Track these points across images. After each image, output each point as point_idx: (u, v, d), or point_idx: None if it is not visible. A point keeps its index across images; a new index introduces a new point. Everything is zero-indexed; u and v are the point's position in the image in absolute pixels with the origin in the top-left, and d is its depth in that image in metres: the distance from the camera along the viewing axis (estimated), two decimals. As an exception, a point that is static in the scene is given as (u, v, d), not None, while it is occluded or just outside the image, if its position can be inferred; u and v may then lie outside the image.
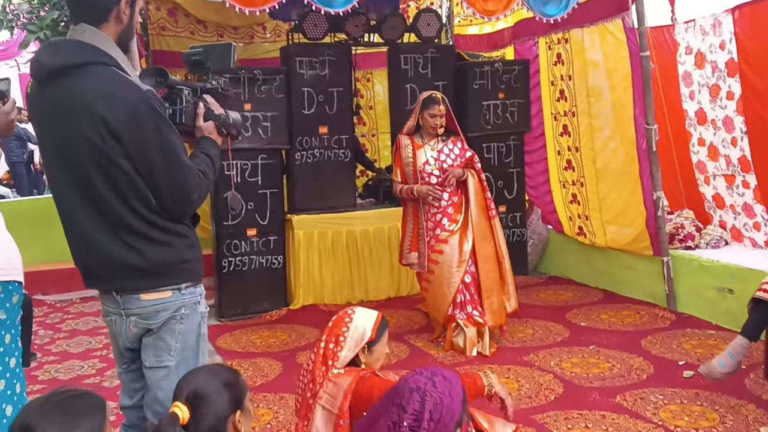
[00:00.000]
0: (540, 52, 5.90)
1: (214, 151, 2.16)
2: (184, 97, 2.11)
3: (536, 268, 6.37)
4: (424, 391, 1.99)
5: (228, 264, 5.26)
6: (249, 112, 5.15)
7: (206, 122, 2.15)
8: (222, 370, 2.01)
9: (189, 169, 2.02)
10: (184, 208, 2.04)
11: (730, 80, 4.78)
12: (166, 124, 1.99)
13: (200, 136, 2.17)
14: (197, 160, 2.09)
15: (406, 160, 4.35)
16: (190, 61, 2.27)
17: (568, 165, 5.82)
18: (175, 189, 1.99)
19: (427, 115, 4.23)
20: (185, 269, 2.08)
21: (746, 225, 4.95)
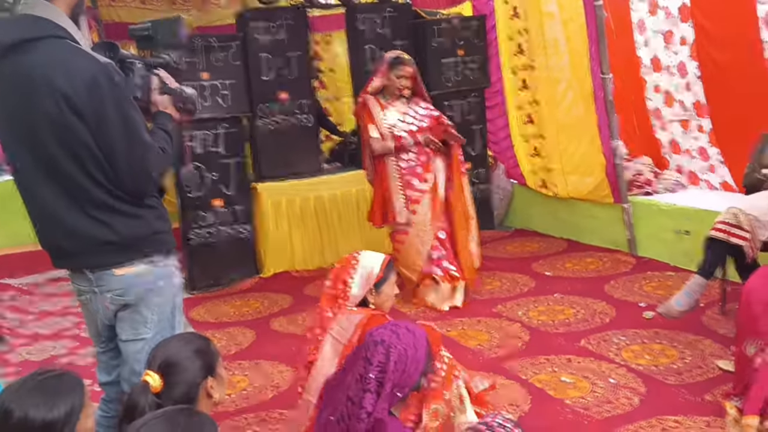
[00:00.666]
0: (496, 6, 5.89)
1: (171, 126, 2.14)
2: (136, 70, 2.07)
3: (502, 222, 6.47)
4: (389, 343, 2.06)
5: (196, 236, 5.24)
6: (207, 81, 5.08)
7: (162, 96, 2.13)
8: (193, 338, 2.04)
9: (149, 146, 2.00)
10: (144, 186, 2.03)
11: (683, 25, 4.84)
12: (127, 99, 1.97)
13: (156, 111, 2.14)
14: (156, 137, 2.06)
15: (379, 118, 4.26)
16: (138, 37, 2.21)
17: (529, 119, 5.87)
18: (135, 166, 1.97)
19: (393, 75, 4.18)
20: (158, 240, 2.09)
21: (702, 168, 5.09)
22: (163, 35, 2.21)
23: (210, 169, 5.20)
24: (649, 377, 3.19)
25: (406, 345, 2.07)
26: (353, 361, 2.15)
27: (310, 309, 4.60)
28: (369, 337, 2.09)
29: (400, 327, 2.14)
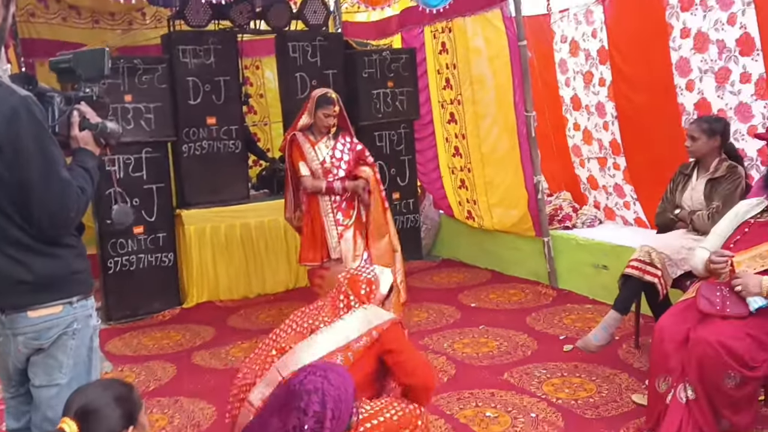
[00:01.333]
0: (426, 41, 6.02)
1: (92, 163, 2.05)
2: (56, 104, 1.98)
3: (430, 252, 6.55)
4: (323, 391, 2.03)
5: (114, 264, 5.04)
6: (130, 104, 4.93)
7: (82, 132, 2.04)
8: (115, 384, 1.94)
9: (68, 183, 1.91)
10: (60, 226, 1.93)
11: (602, 67, 5.08)
12: (46, 133, 1.87)
13: (76, 147, 2.05)
14: (75, 174, 1.97)
15: (310, 156, 4.25)
16: (59, 69, 2.09)
17: (456, 151, 6.00)
18: (52, 204, 1.87)
19: (321, 114, 4.17)
20: (76, 281, 1.99)
21: (617, 204, 5.32)
22: (85, 68, 2.11)
23: (132, 195, 5.02)
24: (568, 411, 3.27)
25: (338, 389, 2.05)
26: (278, 408, 2.10)
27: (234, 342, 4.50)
28: (299, 386, 2.05)
29: (328, 371, 2.11)
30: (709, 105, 4.27)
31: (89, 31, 6.10)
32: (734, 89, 4.11)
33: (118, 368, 4.21)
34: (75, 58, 2.08)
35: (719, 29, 4.09)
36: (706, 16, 4.15)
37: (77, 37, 5.95)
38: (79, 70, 2.08)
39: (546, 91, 5.45)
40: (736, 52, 4.03)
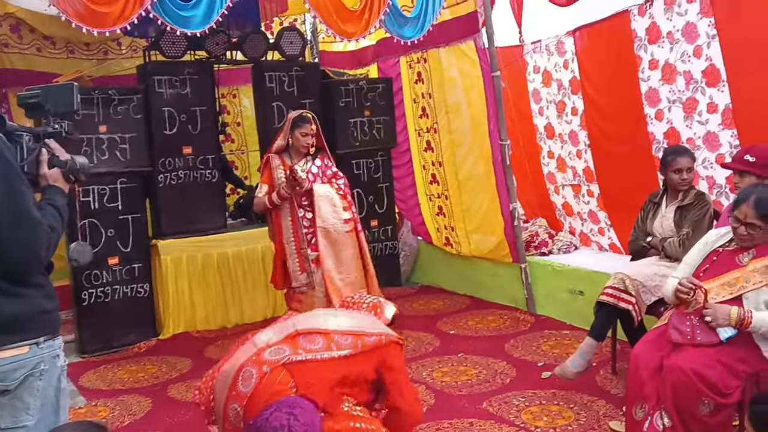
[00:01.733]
0: (402, 71, 6.10)
1: (62, 201, 2.04)
2: (24, 144, 1.97)
3: (409, 278, 6.56)
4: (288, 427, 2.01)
5: (88, 296, 4.97)
6: (104, 134, 4.91)
7: (51, 169, 2.04)
8: (89, 427, 1.91)
9: (38, 222, 1.90)
10: (30, 266, 1.92)
11: (574, 97, 5.19)
12: (15, 173, 1.87)
13: (45, 185, 2.05)
14: (45, 213, 1.96)
15: (278, 181, 4.22)
16: (27, 104, 2.08)
17: (433, 179, 6.05)
18: (22, 244, 1.86)
19: (298, 134, 4.17)
20: (43, 321, 1.96)
21: (592, 230, 5.40)
22: (54, 103, 2.11)
23: (107, 226, 4.98)
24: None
25: (305, 425, 2.04)
26: None
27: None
28: (265, 422, 2.04)
29: (295, 407, 2.10)
30: (678, 134, 4.37)
31: (64, 61, 6.07)
32: (702, 119, 4.22)
33: (92, 403, 4.13)
34: (44, 93, 2.08)
35: (686, 61, 4.21)
36: (672, 48, 4.27)
37: (51, 67, 5.92)
38: (48, 105, 2.08)
39: (520, 119, 5.54)
40: (702, 83, 4.14)
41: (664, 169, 3.80)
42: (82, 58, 6.18)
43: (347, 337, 2.44)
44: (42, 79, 5.39)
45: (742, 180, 3.52)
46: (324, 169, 4.31)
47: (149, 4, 3.84)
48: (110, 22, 3.83)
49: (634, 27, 4.50)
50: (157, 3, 3.88)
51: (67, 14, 3.67)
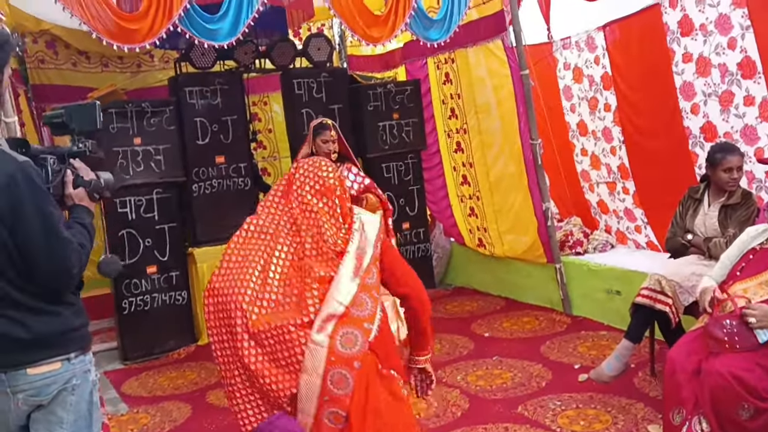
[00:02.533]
0: (430, 72, 6.07)
1: (89, 219, 2.11)
2: (49, 166, 2.04)
3: (442, 280, 6.54)
4: None
5: (129, 305, 5.09)
6: (139, 147, 5.01)
7: (76, 189, 2.10)
8: None
9: (68, 242, 1.96)
10: (64, 283, 1.98)
11: (606, 93, 5.09)
12: (45, 196, 1.94)
13: (72, 205, 2.11)
14: (74, 231, 2.03)
15: None
16: (52, 124, 2.15)
17: (464, 180, 6.01)
18: (55, 264, 1.93)
19: (320, 141, 4.21)
20: (74, 338, 2.03)
21: (629, 228, 5.29)
22: (78, 122, 2.17)
23: (144, 236, 5.09)
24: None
25: None
26: None
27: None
28: None
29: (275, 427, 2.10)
30: (715, 128, 4.25)
31: (99, 75, 6.21)
32: (739, 112, 4.10)
33: (134, 410, 4.23)
34: (67, 112, 2.13)
35: (720, 53, 4.09)
36: (706, 40, 4.15)
37: (87, 81, 6.07)
38: (72, 124, 2.14)
39: (552, 117, 5.46)
40: (738, 76, 4.02)
41: (712, 168, 3.61)
42: (116, 72, 6.32)
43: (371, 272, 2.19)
44: (78, 94, 5.53)
45: (781, 176, 3.40)
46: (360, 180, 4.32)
47: (177, 19, 3.91)
48: (140, 38, 3.91)
49: (665, 20, 4.39)
50: (185, 17, 3.95)
51: (97, 31, 3.76)
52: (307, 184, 2.26)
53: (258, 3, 4.09)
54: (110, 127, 4.85)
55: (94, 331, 5.85)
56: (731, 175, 3.55)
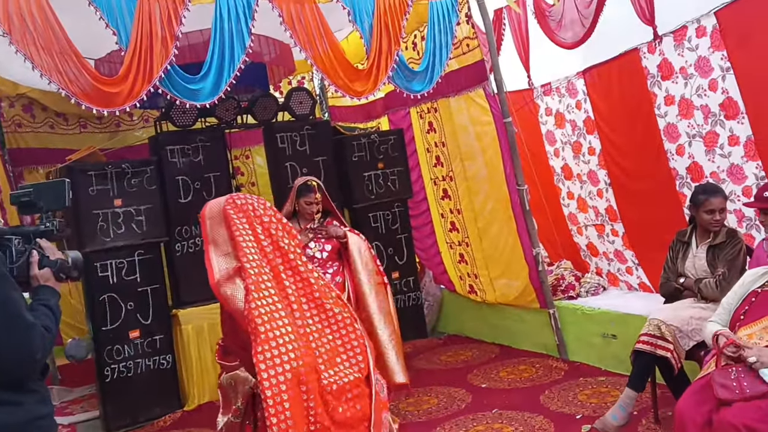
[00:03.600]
0: (413, 121, 6.08)
1: (54, 300, 2.04)
2: (13, 247, 1.97)
3: (435, 328, 6.42)
4: None
5: (111, 371, 4.88)
6: (120, 208, 4.89)
7: (41, 270, 2.02)
8: None
9: (32, 327, 1.87)
10: (27, 372, 1.89)
11: (589, 137, 5.11)
12: (5, 280, 1.85)
13: (37, 286, 2.03)
14: (38, 314, 1.95)
15: None
16: (20, 203, 2.08)
17: (452, 227, 5.96)
18: (17, 351, 1.83)
19: (303, 202, 4.18)
20: (39, 427, 1.92)
21: (620, 270, 5.25)
22: (47, 200, 2.11)
23: (126, 299, 4.93)
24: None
25: None
26: None
27: None
28: None
29: None
30: (702, 168, 4.27)
31: (77, 136, 6.13)
32: (724, 152, 4.12)
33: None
34: (36, 191, 2.08)
35: (702, 95, 4.13)
36: (687, 83, 4.20)
37: (65, 143, 5.98)
38: (41, 203, 2.09)
39: (535, 162, 5.46)
40: (721, 117, 4.05)
41: (696, 208, 3.67)
42: (95, 132, 6.25)
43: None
44: (56, 157, 5.44)
45: (767, 218, 3.40)
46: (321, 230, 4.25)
47: (157, 81, 3.86)
48: (120, 101, 3.85)
49: (645, 64, 4.44)
50: (165, 79, 3.91)
51: (76, 96, 3.70)
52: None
53: (239, 61, 4.07)
54: (90, 190, 4.75)
55: (76, 399, 5.64)
56: (713, 217, 3.61)
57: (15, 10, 3.50)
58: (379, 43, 4.43)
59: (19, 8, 3.51)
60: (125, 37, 3.81)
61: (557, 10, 4.84)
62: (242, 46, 4.08)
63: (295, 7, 4.21)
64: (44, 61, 3.61)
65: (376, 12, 4.42)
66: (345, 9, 4.33)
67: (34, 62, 3.56)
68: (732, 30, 3.86)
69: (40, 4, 3.57)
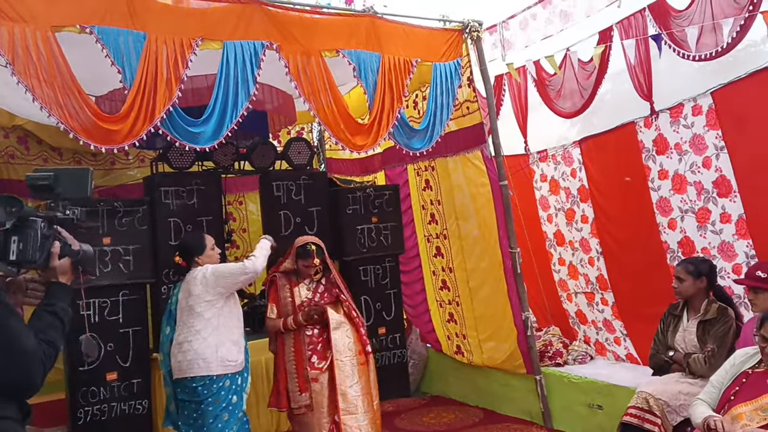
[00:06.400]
0: (409, 178, 6.12)
1: (62, 304, 1.92)
2: (38, 229, 1.84)
3: (418, 388, 6.31)
4: None
5: (84, 414, 4.72)
6: (108, 247, 4.81)
7: (60, 261, 1.92)
8: None
9: (32, 354, 1.79)
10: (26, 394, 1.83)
11: (583, 205, 5.15)
12: (5, 309, 1.78)
13: (50, 280, 1.93)
14: (42, 326, 1.85)
15: (284, 300, 4.19)
16: (35, 186, 1.92)
17: (443, 285, 5.93)
18: (16, 379, 1.77)
19: (301, 264, 4.19)
20: None
21: (608, 340, 5.21)
22: (66, 187, 1.96)
23: (106, 340, 4.80)
24: None
25: None
26: None
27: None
28: None
29: None
30: (693, 243, 4.30)
31: (71, 171, 6.11)
32: (716, 228, 4.16)
33: None
34: (55, 176, 1.95)
35: (696, 172, 4.20)
36: (681, 159, 4.27)
37: (58, 177, 5.94)
38: (59, 188, 1.95)
39: (528, 226, 5.48)
40: (714, 194, 4.11)
41: None
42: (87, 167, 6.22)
43: None
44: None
45: (757, 297, 3.42)
46: (330, 288, 4.24)
47: (158, 121, 3.86)
48: (119, 139, 3.82)
49: (641, 138, 4.52)
50: (167, 120, 3.90)
51: (75, 131, 3.67)
52: None
53: (242, 108, 4.09)
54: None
55: (45, 440, 5.44)
56: (675, 283, 3.78)
57: (20, 42, 3.49)
58: (382, 99, 4.49)
59: (25, 40, 3.50)
60: (130, 77, 3.80)
61: (557, 80, 4.95)
62: (246, 93, 4.11)
63: (302, 58, 4.27)
64: (45, 94, 3.58)
65: (380, 69, 4.49)
66: (351, 64, 4.40)
67: (35, 94, 3.53)
68: (727, 110, 3.95)
69: (47, 38, 3.57)
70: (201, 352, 3.71)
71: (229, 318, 3.85)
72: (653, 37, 4.25)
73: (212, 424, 3.71)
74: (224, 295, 3.84)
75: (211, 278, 3.78)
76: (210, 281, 3.78)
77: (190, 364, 3.73)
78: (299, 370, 4.04)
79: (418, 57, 4.69)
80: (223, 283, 3.79)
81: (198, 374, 3.72)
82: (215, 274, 3.80)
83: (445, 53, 4.89)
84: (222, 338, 3.76)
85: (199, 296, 3.78)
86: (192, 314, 3.79)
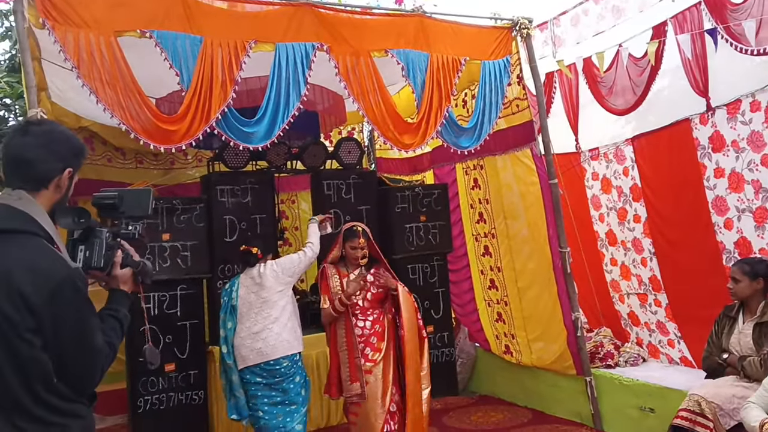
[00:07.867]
0: (458, 177, 6.12)
1: (124, 310, 2.05)
2: (104, 239, 1.98)
3: (467, 387, 6.31)
4: None
5: (144, 403, 4.93)
6: (167, 242, 5.03)
7: (122, 270, 2.05)
8: None
9: (99, 352, 1.91)
10: (87, 388, 1.93)
11: (635, 204, 5.06)
12: (87, 306, 1.89)
13: (112, 289, 2.06)
14: (106, 327, 1.97)
15: (334, 290, 4.26)
16: (101, 205, 2.08)
17: (492, 284, 5.92)
18: (81, 373, 1.88)
19: (348, 247, 4.24)
20: None
21: (661, 342, 5.10)
22: (129, 206, 2.10)
23: (164, 332, 5.01)
24: None
25: None
26: None
27: None
28: None
29: None
30: (750, 244, 4.17)
31: (133, 171, 6.37)
32: (774, 228, 4.03)
33: None
34: (120, 196, 2.09)
35: (753, 170, 4.07)
36: (738, 157, 4.15)
37: (120, 176, 6.21)
38: (123, 208, 2.09)
39: (579, 226, 5.41)
40: (773, 192, 3.98)
41: None
42: (150, 168, 6.48)
43: None
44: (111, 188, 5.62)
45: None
46: (378, 278, 4.29)
47: (214, 122, 4.01)
48: (177, 139, 3.99)
49: (696, 135, 4.42)
50: (222, 120, 4.05)
51: (136, 132, 3.85)
52: None
53: (294, 108, 4.20)
54: (140, 223, 4.91)
55: (106, 427, 5.70)
56: (731, 284, 3.71)
57: (85, 46, 3.69)
58: (430, 98, 4.52)
59: (89, 44, 3.70)
60: (187, 79, 3.97)
61: (609, 77, 4.88)
62: (298, 93, 4.22)
63: (351, 59, 4.35)
64: (108, 96, 3.77)
65: (429, 68, 4.53)
66: (399, 64, 4.45)
67: (98, 96, 3.72)
68: (787, 106, 3.83)
69: (110, 42, 3.75)
70: (284, 335, 4.17)
71: (294, 304, 4.34)
72: (709, 31, 4.14)
73: (297, 396, 4.23)
74: (291, 284, 4.32)
75: (280, 270, 4.26)
76: (279, 273, 4.25)
77: (275, 348, 4.15)
78: (351, 359, 4.12)
79: (466, 55, 4.71)
80: (290, 272, 4.29)
81: (285, 354, 4.17)
82: (282, 266, 4.29)
83: (495, 51, 4.88)
84: (294, 321, 4.29)
85: (272, 288, 4.23)
86: (266, 305, 4.22)
